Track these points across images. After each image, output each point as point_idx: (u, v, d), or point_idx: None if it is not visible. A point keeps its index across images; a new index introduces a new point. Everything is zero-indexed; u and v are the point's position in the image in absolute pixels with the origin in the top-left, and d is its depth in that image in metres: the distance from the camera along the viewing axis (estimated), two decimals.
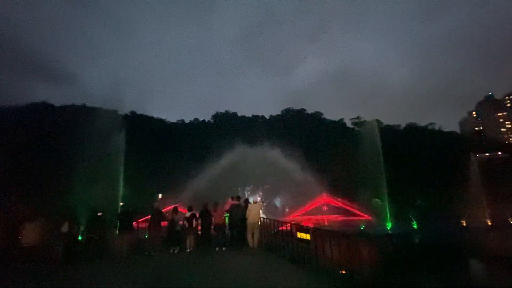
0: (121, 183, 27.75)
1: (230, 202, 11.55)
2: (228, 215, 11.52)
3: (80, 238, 10.06)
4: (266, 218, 11.84)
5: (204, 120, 76.43)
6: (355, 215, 35.97)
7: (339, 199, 39.37)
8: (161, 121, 67.43)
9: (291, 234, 8.92)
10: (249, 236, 10.86)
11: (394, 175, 47.97)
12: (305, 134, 76.74)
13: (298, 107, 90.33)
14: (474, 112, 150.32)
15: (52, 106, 54.23)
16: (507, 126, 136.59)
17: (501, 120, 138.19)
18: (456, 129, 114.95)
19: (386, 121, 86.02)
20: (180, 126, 70.91)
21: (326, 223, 30.99)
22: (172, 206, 12.31)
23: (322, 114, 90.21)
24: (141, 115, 65.96)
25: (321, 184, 43.59)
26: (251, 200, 12.74)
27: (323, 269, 7.24)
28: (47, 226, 9.80)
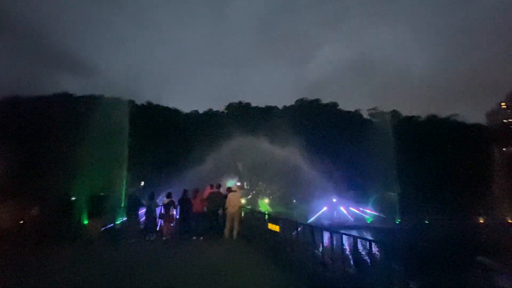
0: (125, 169, 27.96)
1: (209, 189, 10.74)
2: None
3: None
4: (251, 210, 10.98)
5: (218, 111, 76.05)
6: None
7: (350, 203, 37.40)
8: (176, 111, 67.83)
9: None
10: (227, 226, 10.06)
11: (410, 169, 45.28)
12: (319, 125, 74.29)
13: (313, 97, 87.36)
14: (503, 103, 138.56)
15: (72, 96, 55.94)
16: None
17: None
18: (483, 121, 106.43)
19: (406, 112, 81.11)
20: (195, 116, 71.07)
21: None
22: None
23: (337, 104, 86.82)
24: (158, 105, 66.63)
25: (331, 180, 41.79)
26: (232, 183, 11.86)
27: (293, 263, 6.27)
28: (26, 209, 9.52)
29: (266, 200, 35.51)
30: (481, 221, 25.67)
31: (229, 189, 11.34)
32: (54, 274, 6.24)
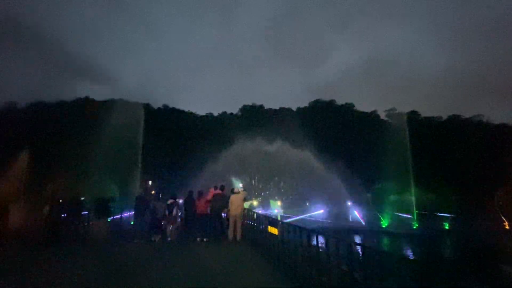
0: (139, 171, 28.62)
1: (212, 191, 10.67)
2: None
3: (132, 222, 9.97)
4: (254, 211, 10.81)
5: (232, 113, 76.56)
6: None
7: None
8: (191, 114, 68.96)
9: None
10: (230, 229, 9.94)
11: (428, 171, 43.34)
12: (335, 127, 72.85)
13: (327, 99, 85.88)
14: None
15: (93, 100, 58.36)
16: None
17: None
18: (510, 121, 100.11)
19: (426, 113, 77.79)
20: (209, 118, 71.92)
21: None
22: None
23: (353, 105, 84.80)
24: (173, 108, 68.08)
25: (346, 183, 40.57)
26: (239, 185, 11.74)
27: (290, 267, 6.05)
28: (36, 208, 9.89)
29: (279, 203, 35.12)
30: (507, 227, 23.96)
31: (233, 191, 11.27)
32: (56, 274, 6.37)
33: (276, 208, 32.39)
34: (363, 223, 27.36)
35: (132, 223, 11.04)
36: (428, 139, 59.25)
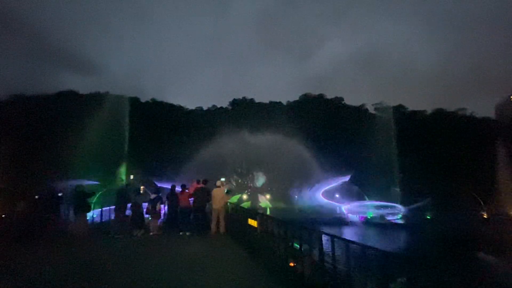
0: (125, 165, 28.07)
1: (195, 185, 10.54)
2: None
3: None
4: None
5: (222, 107, 75.89)
6: None
7: None
8: (180, 108, 67.92)
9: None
10: (213, 222, 9.88)
11: (414, 163, 44.30)
12: (324, 120, 73.32)
13: (317, 92, 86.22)
14: None
15: (77, 93, 56.55)
16: None
17: None
18: (492, 114, 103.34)
19: (412, 106, 79.37)
20: (199, 112, 71.09)
21: None
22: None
23: (342, 99, 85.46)
24: (162, 102, 66.85)
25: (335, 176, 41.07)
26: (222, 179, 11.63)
27: (270, 261, 6.02)
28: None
29: (268, 196, 35.27)
30: (485, 216, 24.93)
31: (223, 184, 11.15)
32: (29, 271, 6.13)
33: (264, 201, 32.52)
34: (348, 215, 27.95)
35: (112, 218, 10.80)
36: (413, 132, 60.46)
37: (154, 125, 55.28)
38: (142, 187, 11.25)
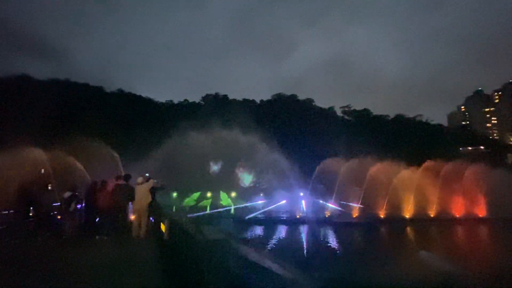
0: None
1: (113, 182, 8.78)
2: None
3: None
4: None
5: (194, 102, 72.99)
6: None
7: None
8: (149, 100, 64.01)
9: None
10: (134, 224, 8.26)
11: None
12: (295, 121, 73.66)
13: (290, 93, 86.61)
14: (462, 107, 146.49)
15: (31, 78, 50.63)
16: (493, 121, 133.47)
17: (487, 115, 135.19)
18: (445, 122, 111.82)
19: (376, 111, 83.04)
20: (169, 106, 67.60)
21: None
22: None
23: (313, 101, 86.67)
24: (129, 93, 62.46)
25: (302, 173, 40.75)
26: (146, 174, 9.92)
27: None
28: None
29: (233, 194, 33.79)
30: (382, 215, 26.77)
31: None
32: None
33: (226, 199, 31.00)
34: (306, 213, 27.61)
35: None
36: (377, 135, 62.69)
37: (118, 117, 51.15)
38: (49, 184, 9.23)
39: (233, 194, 33.19)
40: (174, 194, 31.85)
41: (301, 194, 34.89)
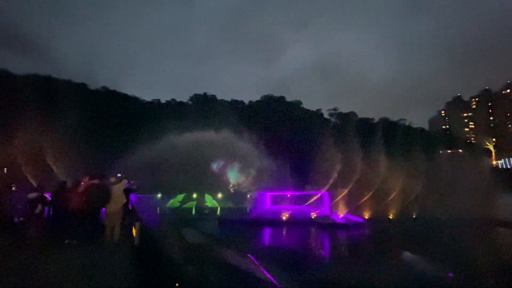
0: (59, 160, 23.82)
1: (86, 181, 8.19)
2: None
3: None
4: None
5: (181, 101, 71.73)
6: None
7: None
8: (135, 99, 62.30)
9: None
10: (107, 229, 7.71)
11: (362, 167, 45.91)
12: (283, 122, 73.90)
13: (278, 95, 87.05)
14: (443, 112, 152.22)
15: (9, 73, 47.96)
16: (470, 126, 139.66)
17: (465, 120, 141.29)
18: (426, 126, 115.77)
19: (362, 114, 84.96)
20: (156, 105, 66.08)
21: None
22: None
23: (301, 103, 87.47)
24: (114, 91, 60.52)
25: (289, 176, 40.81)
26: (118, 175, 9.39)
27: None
28: None
29: (220, 195, 33.20)
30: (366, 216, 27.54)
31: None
32: None
33: (211, 201, 30.42)
34: (292, 215, 27.50)
35: None
36: (363, 138, 63.81)
37: (101, 114, 49.39)
38: (13, 185, 8.50)
39: (220, 196, 32.63)
40: (158, 196, 30.96)
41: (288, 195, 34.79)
